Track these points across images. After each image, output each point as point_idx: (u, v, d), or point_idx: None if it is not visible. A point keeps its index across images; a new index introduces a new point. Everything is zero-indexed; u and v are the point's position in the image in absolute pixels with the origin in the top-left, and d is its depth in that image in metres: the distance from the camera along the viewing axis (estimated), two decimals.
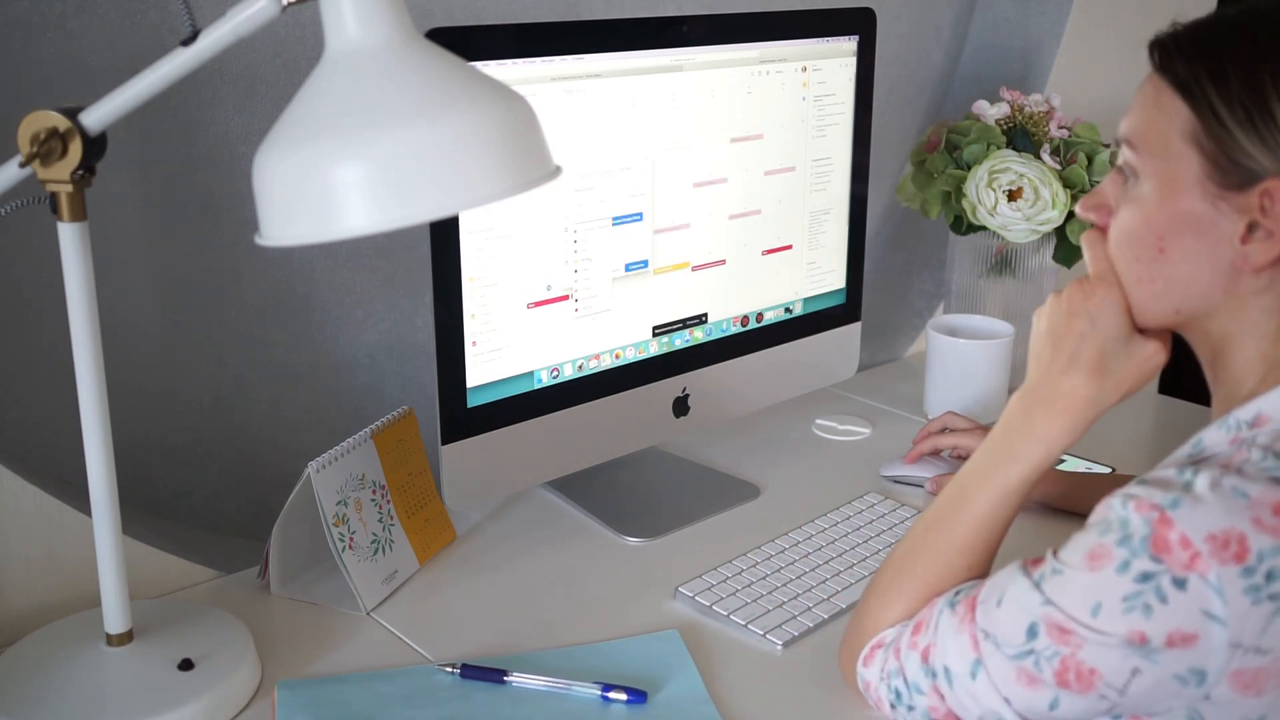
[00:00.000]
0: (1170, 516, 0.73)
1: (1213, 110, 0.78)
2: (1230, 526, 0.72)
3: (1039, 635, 0.78)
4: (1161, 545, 0.73)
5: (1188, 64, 0.80)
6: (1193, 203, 0.81)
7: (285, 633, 1.07)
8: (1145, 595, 0.74)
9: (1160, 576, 0.73)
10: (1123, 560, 0.75)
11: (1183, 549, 0.73)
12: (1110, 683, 0.76)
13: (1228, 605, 0.72)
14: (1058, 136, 1.58)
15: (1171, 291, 0.85)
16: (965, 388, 1.51)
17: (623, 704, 0.96)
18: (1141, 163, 0.84)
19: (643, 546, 1.24)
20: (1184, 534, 0.73)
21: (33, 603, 1.06)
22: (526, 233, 1.14)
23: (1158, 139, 0.82)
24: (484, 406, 1.15)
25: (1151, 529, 0.74)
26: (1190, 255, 0.82)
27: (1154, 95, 0.83)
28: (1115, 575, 0.75)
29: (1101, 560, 0.76)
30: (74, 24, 1.08)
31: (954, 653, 0.83)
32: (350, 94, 0.76)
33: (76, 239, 0.87)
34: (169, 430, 1.23)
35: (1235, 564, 0.72)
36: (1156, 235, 0.83)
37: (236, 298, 1.24)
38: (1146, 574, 0.74)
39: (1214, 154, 0.79)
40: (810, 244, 1.41)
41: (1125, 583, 0.74)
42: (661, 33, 1.20)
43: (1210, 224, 0.81)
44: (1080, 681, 0.77)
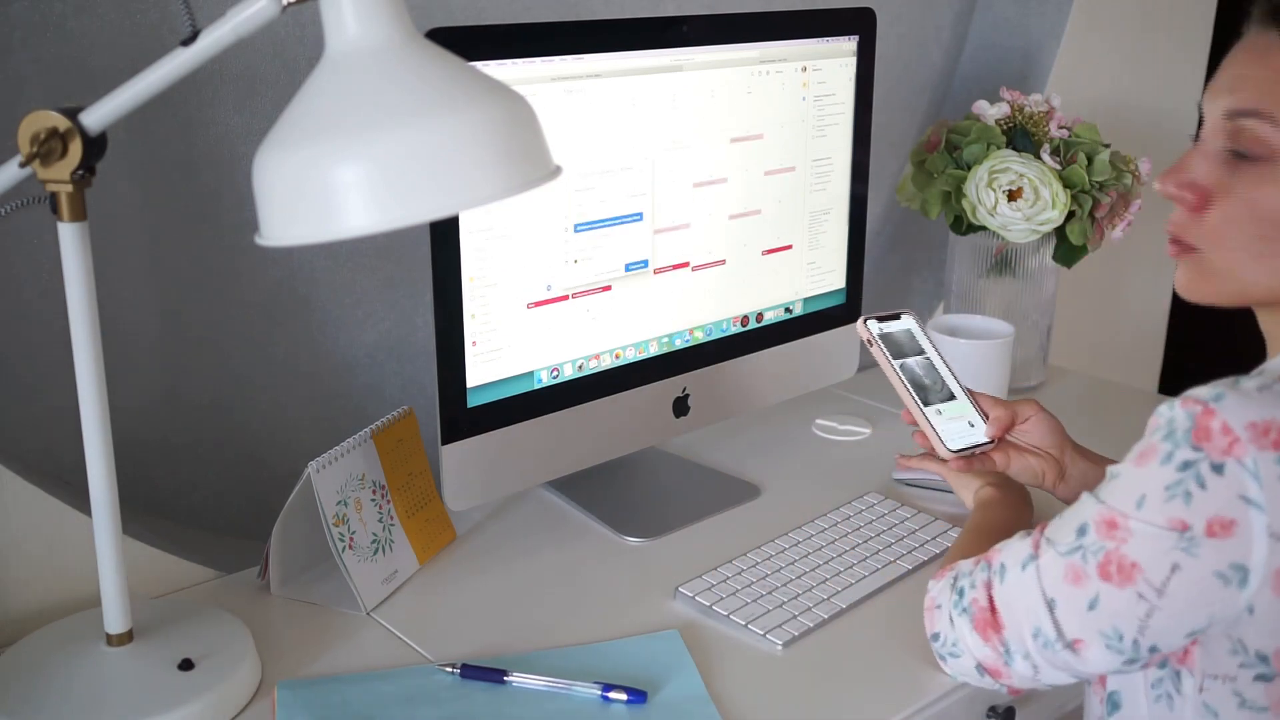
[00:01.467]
0: (1213, 408, 0.76)
1: None
2: (1272, 417, 0.75)
3: (1088, 532, 0.83)
4: (1203, 434, 0.76)
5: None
6: None
7: (285, 633, 1.07)
8: (1186, 482, 0.77)
9: (1200, 463, 0.76)
10: (1166, 452, 0.78)
11: (1223, 435, 0.76)
12: (1149, 578, 0.78)
13: (1264, 489, 0.74)
14: (1058, 136, 1.58)
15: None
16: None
17: (623, 704, 0.96)
18: (1271, 130, 0.77)
19: (643, 546, 1.24)
20: (1225, 421, 0.76)
21: (33, 603, 1.06)
22: (526, 233, 1.14)
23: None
24: (484, 406, 1.15)
25: (1194, 421, 0.77)
26: None
27: (1261, 55, 0.77)
28: (1159, 467, 0.78)
29: (1148, 456, 0.80)
30: (74, 24, 1.08)
31: (1014, 552, 0.89)
32: (350, 94, 0.76)
33: (76, 239, 0.87)
34: (169, 430, 1.23)
35: (1274, 450, 0.74)
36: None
37: (236, 297, 1.24)
38: (1187, 462, 0.77)
39: None
40: (810, 244, 1.41)
41: (1168, 472, 0.78)
42: (661, 33, 1.20)
43: None
44: (1121, 574, 0.79)
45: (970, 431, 1.15)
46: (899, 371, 1.16)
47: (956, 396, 1.17)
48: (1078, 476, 1.17)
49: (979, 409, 1.17)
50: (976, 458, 1.16)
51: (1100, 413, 1.63)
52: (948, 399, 1.17)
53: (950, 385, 1.18)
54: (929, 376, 1.17)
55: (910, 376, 1.16)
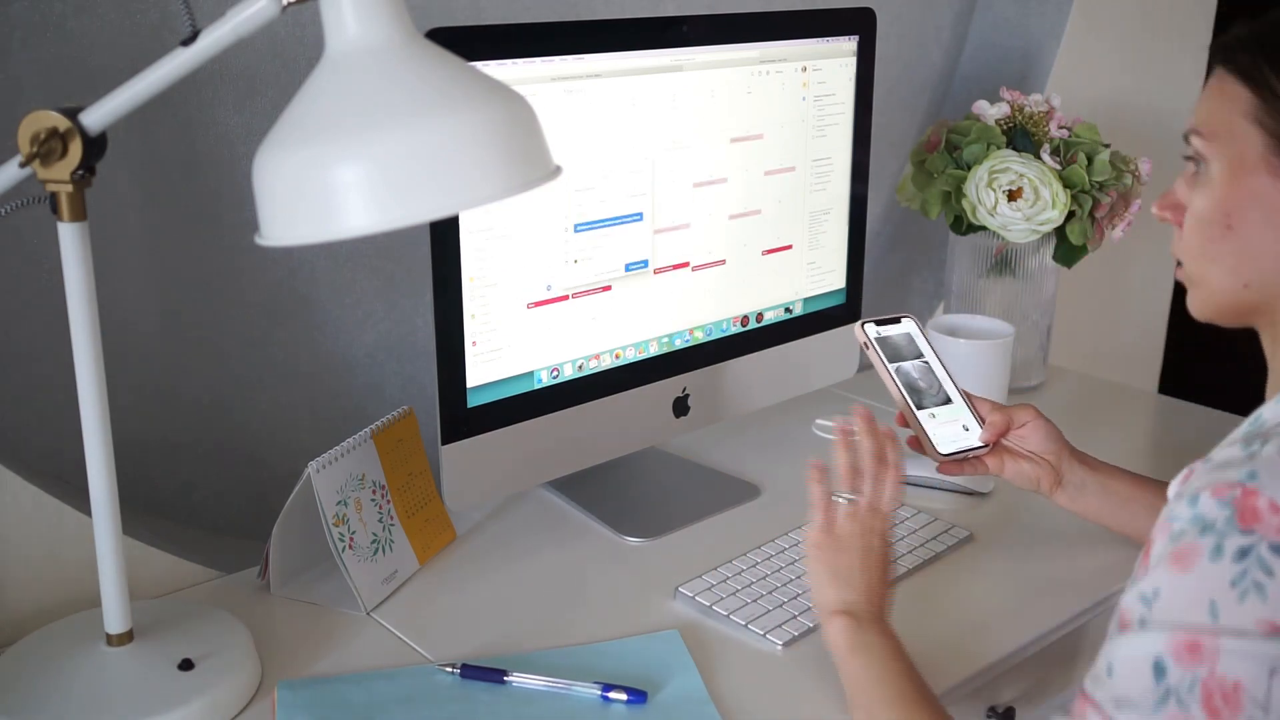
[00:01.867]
0: (1252, 487, 0.72)
1: (1271, 89, 0.83)
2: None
3: (1168, 669, 0.72)
4: (1249, 516, 0.71)
5: (1249, 54, 0.85)
6: (1259, 179, 0.84)
7: (285, 633, 1.07)
8: (1251, 572, 0.70)
9: (1258, 547, 0.70)
10: (1214, 546, 0.72)
11: (1273, 514, 0.71)
12: (1254, 697, 0.70)
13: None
14: (1058, 136, 1.58)
15: (1241, 266, 0.87)
16: (965, 388, 1.50)
17: (623, 704, 0.96)
18: (1209, 148, 0.87)
19: (643, 546, 1.24)
20: (1271, 500, 0.71)
21: (33, 603, 1.06)
22: (526, 233, 1.14)
23: (1223, 123, 0.86)
24: (484, 406, 1.15)
25: (1233, 507, 0.72)
26: (1258, 229, 0.85)
27: (1217, 86, 0.87)
28: (1211, 564, 0.71)
29: (1190, 558, 0.72)
30: (74, 24, 1.08)
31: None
32: (350, 94, 0.76)
33: (76, 239, 0.87)
34: (169, 430, 1.23)
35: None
36: (1225, 213, 0.86)
37: (237, 297, 1.24)
38: (1243, 549, 0.71)
39: (1275, 129, 0.83)
40: (810, 244, 1.41)
41: (1225, 567, 0.71)
42: (661, 33, 1.20)
43: (1276, 197, 0.84)
44: (1229, 705, 0.70)
45: (964, 435, 1.15)
46: (893, 374, 1.16)
47: (953, 401, 1.17)
48: (1076, 483, 1.16)
49: (976, 414, 1.17)
50: (969, 461, 1.15)
51: (1100, 413, 1.63)
52: (943, 403, 1.17)
53: (947, 390, 1.17)
54: (925, 380, 1.17)
55: (905, 380, 1.16)
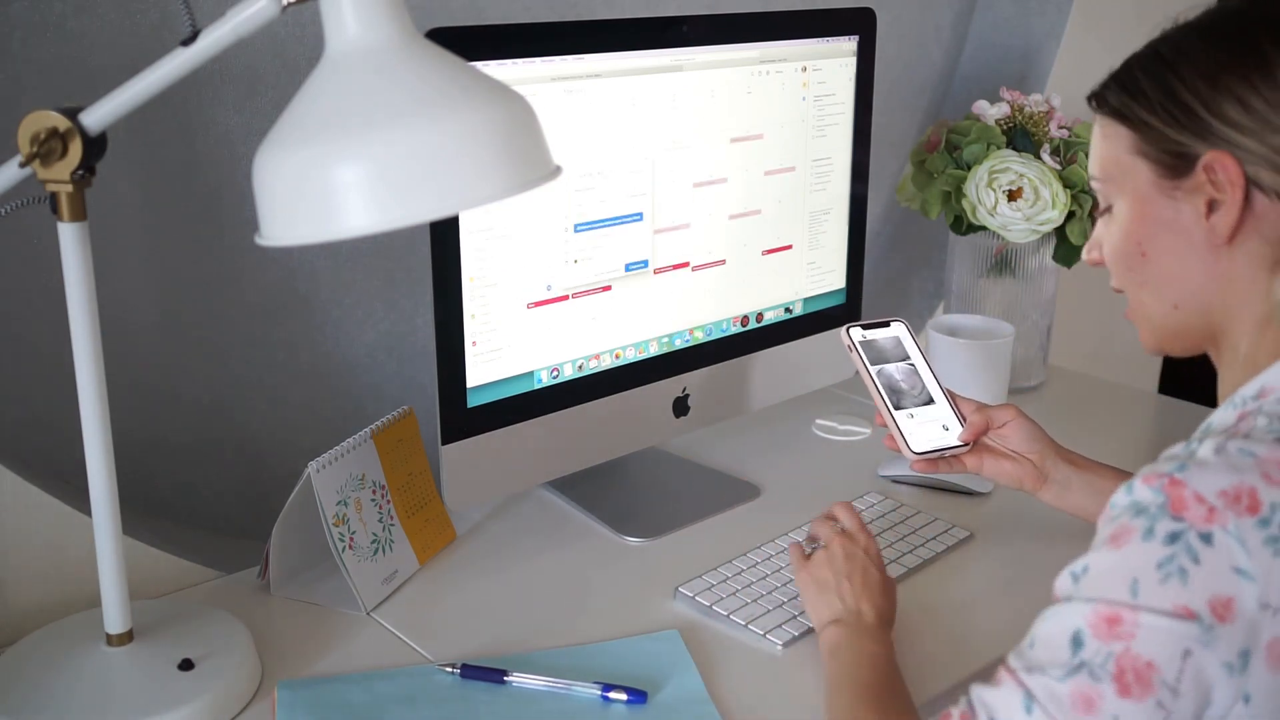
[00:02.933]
0: (1180, 478, 0.75)
1: (1144, 122, 0.88)
2: (1240, 482, 0.74)
3: (1085, 642, 0.75)
4: (1179, 504, 0.74)
5: (1115, 95, 0.91)
6: (1156, 203, 0.89)
7: (285, 633, 1.07)
8: (1178, 557, 0.73)
9: (1187, 534, 0.73)
10: (1145, 528, 0.75)
11: (1198, 504, 0.74)
12: (1165, 679, 0.72)
13: (1251, 557, 0.72)
14: (1058, 136, 1.58)
15: (1165, 287, 0.91)
16: (965, 388, 1.50)
17: (623, 704, 0.96)
18: (1109, 189, 0.92)
19: (643, 546, 1.24)
20: (1197, 491, 0.74)
21: (33, 603, 1.06)
22: (526, 233, 1.14)
23: (1112, 163, 0.91)
24: (484, 406, 1.15)
25: (1165, 494, 0.75)
26: (1169, 250, 0.89)
27: (1100, 132, 0.92)
28: (1143, 543, 0.74)
29: (1124, 537, 0.75)
30: (74, 24, 1.08)
31: (1002, 704, 0.77)
32: (350, 94, 0.76)
33: (76, 239, 0.87)
34: (169, 430, 1.23)
35: (1250, 515, 0.73)
36: (1136, 242, 0.91)
37: (237, 297, 1.24)
38: (1173, 534, 0.74)
39: (1156, 156, 0.88)
40: (810, 244, 1.41)
41: (1155, 547, 0.74)
42: (661, 33, 1.20)
43: (1176, 216, 0.88)
44: (1139, 683, 0.73)
45: (943, 435, 1.16)
46: (873, 375, 1.17)
47: (935, 402, 1.18)
48: (1060, 481, 1.17)
49: (960, 415, 1.18)
50: (945, 460, 1.16)
51: (1100, 413, 1.63)
52: (925, 403, 1.17)
53: (931, 391, 1.18)
54: (907, 381, 1.18)
55: (886, 381, 1.17)
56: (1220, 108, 0.83)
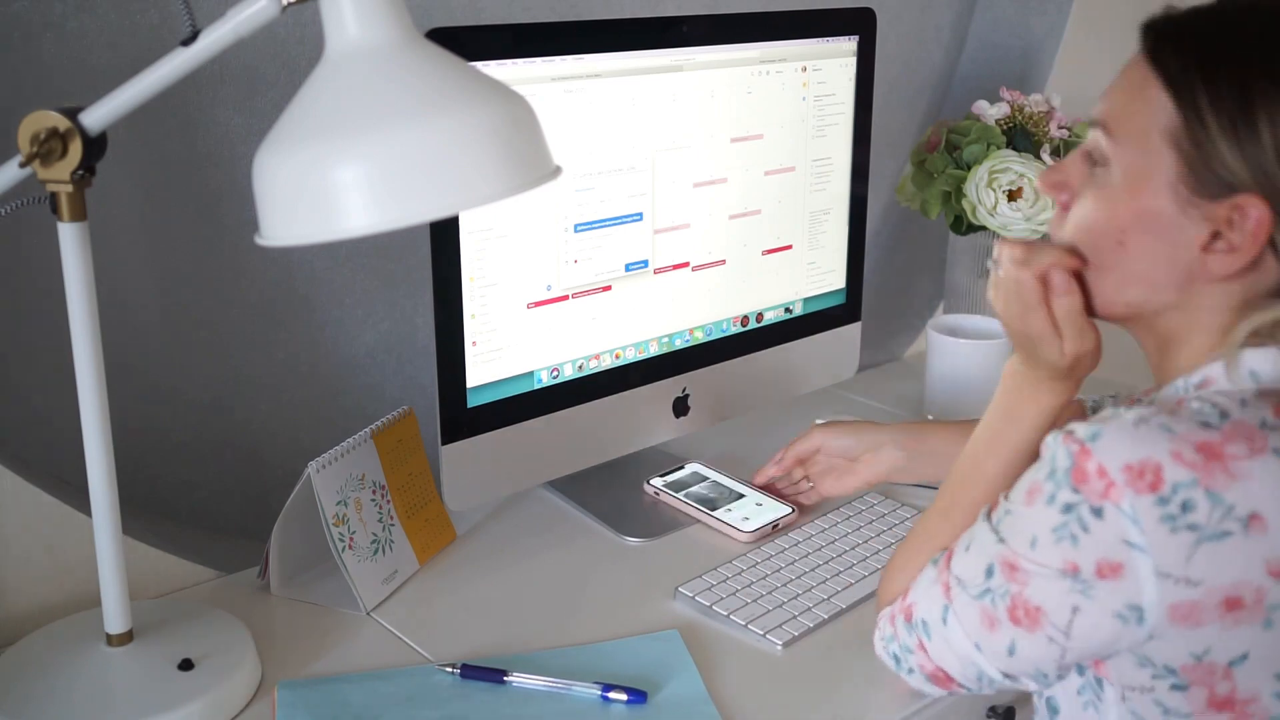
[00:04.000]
0: (1089, 448, 0.76)
1: (1199, 115, 0.77)
2: (1147, 456, 0.74)
3: (994, 574, 0.82)
4: (1080, 476, 0.76)
5: (1180, 58, 0.78)
6: (1161, 203, 0.80)
7: (285, 633, 1.07)
8: (1070, 525, 0.77)
9: (1080, 507, 0.76)
10: (1050, 493, 0.78)
11: (1099, 478, 0.75)
12: (1054, 621, 0.78)
13: (1145, 534, 0.74)
14: (1058, 136, 1.58)
15: (1126, 285, 0.84)
16: (965, 388, 1.50)
17: (623, 704, 0.96)
18: (1115, 151, 0.82)
19: (643, 546, 1.24)
20: (1100, 464, 0.75)
21: (33, 603, 1.06)
22: (526, 233, 1.14)
23: (1137, 132, 0.80)
24: (484, 406, 1.15)
25: (1072, 460, 0.77)
26: (1149, 253, 0.82)
27: (1139, 85, 0.80)
28: (1045, 508, 0.78)
29: (1034, 495, 0.80)
30: (74, 24, 1.08)
31: (929, 602, 0.88)
32: (350, 94, 0.76)
33: (76, 239, 0.87)
34: (169, 430, 1.23)
35: (1150, 493, 0.74)
36: (1119, 229, 0.82)
37: (237, 297, 1.24)
38: (1068, 505, 0.77)
39: (1192, 158, 0.78)
40: (810, 244, 1.41)
41: (1053, 514, 0.78)
42: (661, 33, 1.20)
43: (1174, 226, 0.80)
44: (1029, 619, 0.80)
45: (759, 511, 1.26)
46: (683, 499, 1.29)
47: (744, 495, 1.30)
48: (928, 453, 1.20)
49: (771, 494, 1.29)
50: (780, 529, 1.24)
51: None
52: (735, 499, 1.29)
53: (736, 490, 1.31)
54: (714, 491, 1.31)
55: (695, 498, 1.29)
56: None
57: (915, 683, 0.92)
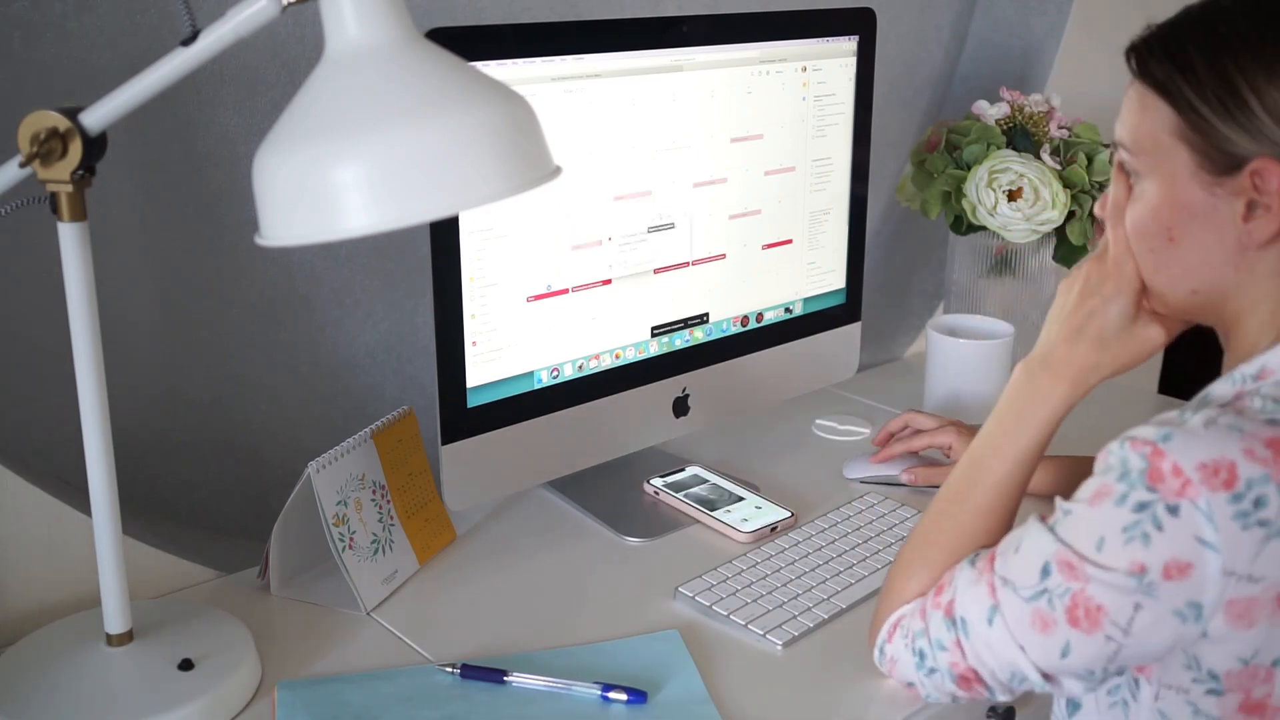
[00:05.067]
0: (1163, 449, 0.77)
1: (1191, 107, 0.83)
2: (1221, 455, 0.76)
3: (1051, 573, 0.82)
4: (1156, 476, 0.77)
5: (1161, 66, 0.85)
6: (1192, 193, 0.86)
7: (285, 633, 1.07)
8: (1143, 524, 0.77)
9: (1155, 505, 0.77)
10: (1121, 493, 0.79)
11: (1175, 477, 0.76)
12: (1115, 620, 0.79)
13: (1218, 531, 0.75)
14: (1058, 136, 1.58)
15: (1188, 275, 0.89)
16: (965, 388, 1.51)
17: (623, 704, 0.96)
18: (1139, 163, 0.89)
19: (643, 546, 1.24)
20: (1176, 463, 0.77)
21: (33, 603, 1.06)
22: (526, 232, 1.14)
23: (1149, 140, 0.87)
24: (484, 406, 1.15)
25: (1147, 462, 0.78)
26: (1199, 241, 0.87)
27: (1138, 99, 0.87)
28: (1115, 508, 0.79)
29: (1103, 496, 0.80)
30: (74, 24, 1.08)
31: (972, 601, 0.87)
32: (350, 94, 0.76)
33: (76, 239, 0.87)
34: (169, 430, 1.23)
35: (1225, 490, 0.75)
36: (1165, 227, 0.88)
37: (237, 297, 1.24)
38: (1142, 503, 0.77)
39: (1201, 146, 0.84)
40: (810, 244, 1.41)
41: (1124, 514, 0.78)
42: (661, 33, 1.20)
43: (1211, 210, 0.85)
44: (1089, 619, 0.80)
45: (758, 513, 1.27)
46: (683, 499, 1.30)
47: (744, 497, 1.30)
48: None
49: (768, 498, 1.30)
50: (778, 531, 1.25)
51: (1099, 413, 1.62)
52: (735, 501, 1.29)
53: (735, 492, 1.31)
54: (714, 493, 1.31)
55: (695, 498, 1.30)
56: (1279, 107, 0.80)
57: (932, 684, 0.91)
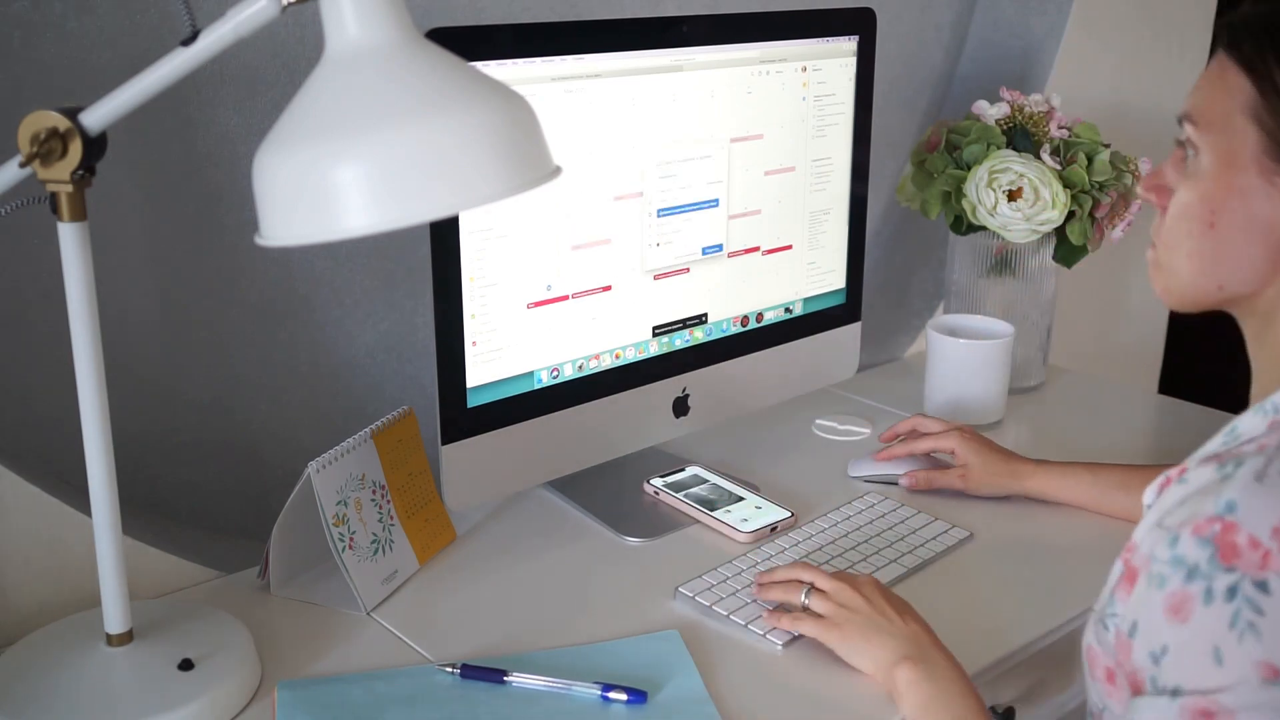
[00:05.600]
0: (1230, 521, 0.71)
1: (1275, 87, 0.80)
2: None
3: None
4: (1230, 553, 0.70)
5: (1255, 41, 0.82)
6: (1249, 178, 0.82)
7: (285, 633, 1.07)
8: (1243, 612, 0.69)
9: (1242, 584, 0.70)
10: (1204, 590, 0.71)
11: (1252, 550, 0.70)
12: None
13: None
14: (1058, 136, 1.58)
15: (1218, 267, 0.85)
16: (965, 388, 1.51)
17: (623, 704, 0.96)
18: (1202, 137, 0.84)
19: (643, 546, 1.24)
20: (1251, 535, 0.70)
21: (33, 603, 1.06)
22: (526, 233, 1.14)
23: (1220, 114, 0.83)
24: (484, 406, 1.15)
25: (1214, 545, 0.71)
26: (1240, 230, 0.83)
27: (1219, 72, 0.84)
28: (1206, 609, 0.70)
29: (1185, 608, 0.72)
30: (74, 24, 1.08)
31: None
32: (350, 94, 0.76)
33: (76, 239, 0.87)
34: (169, 430, 1.23)
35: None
36: (1210, 209, 0.84)
37: (237, 297, 1.24)
38: (1231, 588, 0.70)
39: (1273, 130, 0.80)
40: (810, 244, 1.41)
41: (1219, 609, 0.70)
42: (661, 33, 1.20)
43: (1264, 199, 0.82)
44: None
45: (758, 513, 1.27)
46: (683, 499, 1.30)
47: (744, 497, 1.30)
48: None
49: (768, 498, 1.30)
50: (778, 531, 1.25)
51: (1100, 413, 1.63)
52: (735, 501, 1.29)
53: (735, 492, 1.31)
54: (714, 493, 1.31)
55: (695, 498, 1.30)
56: None
57: None
